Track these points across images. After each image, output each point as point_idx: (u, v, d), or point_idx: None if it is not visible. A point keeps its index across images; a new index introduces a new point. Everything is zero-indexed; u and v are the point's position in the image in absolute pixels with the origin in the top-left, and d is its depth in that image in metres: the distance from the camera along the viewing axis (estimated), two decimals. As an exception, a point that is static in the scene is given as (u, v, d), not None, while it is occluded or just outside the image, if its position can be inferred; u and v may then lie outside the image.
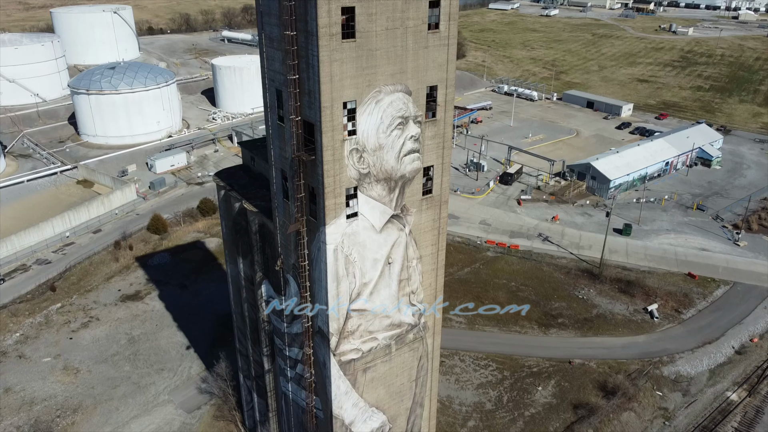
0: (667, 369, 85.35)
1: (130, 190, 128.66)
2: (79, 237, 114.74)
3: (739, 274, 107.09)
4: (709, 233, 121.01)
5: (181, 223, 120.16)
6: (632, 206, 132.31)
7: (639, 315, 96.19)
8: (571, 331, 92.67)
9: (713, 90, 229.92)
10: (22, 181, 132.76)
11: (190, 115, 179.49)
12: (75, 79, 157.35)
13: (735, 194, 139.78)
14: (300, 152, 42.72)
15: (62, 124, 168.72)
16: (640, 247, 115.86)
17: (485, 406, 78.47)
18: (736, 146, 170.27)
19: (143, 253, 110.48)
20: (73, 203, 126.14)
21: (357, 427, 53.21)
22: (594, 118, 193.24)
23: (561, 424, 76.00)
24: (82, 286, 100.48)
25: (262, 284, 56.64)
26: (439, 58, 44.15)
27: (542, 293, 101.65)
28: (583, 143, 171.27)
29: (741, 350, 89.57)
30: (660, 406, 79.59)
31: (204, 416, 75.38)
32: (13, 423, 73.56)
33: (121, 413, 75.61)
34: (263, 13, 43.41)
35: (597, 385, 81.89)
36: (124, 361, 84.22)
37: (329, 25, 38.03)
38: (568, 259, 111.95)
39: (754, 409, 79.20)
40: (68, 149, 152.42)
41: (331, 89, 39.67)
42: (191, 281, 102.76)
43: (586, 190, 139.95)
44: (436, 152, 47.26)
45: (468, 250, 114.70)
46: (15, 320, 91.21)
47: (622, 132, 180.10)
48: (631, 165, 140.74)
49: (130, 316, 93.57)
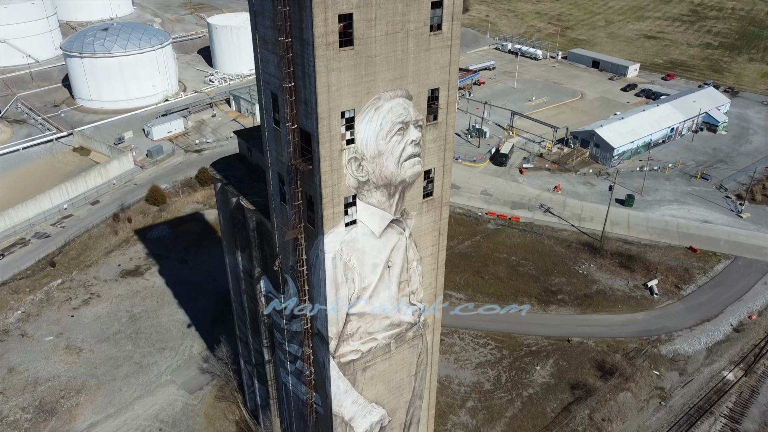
0: (665, 348, 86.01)
1: (127, 159, 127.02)
2: (77, 209, 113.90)
3: (740, 247, 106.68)
4: (712, 204, 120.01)
5: (179, 194, 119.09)
6: (635, 175, 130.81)
7: (639, 291, 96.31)
8: (570, 308, 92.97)
9: (722, 48, 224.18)
10: (18, 149, 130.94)
11: (187, 77, 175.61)
12: (67, 42, 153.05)
13: (740, 162, 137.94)
14: (297, 160, 41.44)
15: (56, 87, 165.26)
16: (642, 219, 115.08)
17: (484, 386, 79.41)
18: (743, 109, 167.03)
19: (142, 225, 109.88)
20: (70, 172, 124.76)
21: (357, 422, 53.75)
22: (599, 79, 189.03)
23: (558, 405, 77.08)
24: (81, 261, 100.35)
25: (261, 279, 56.20)
26: (442, 60, 42.26)
27: (542, 268, 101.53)
28: (588, 106, 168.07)
29: (739, 328, 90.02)
30: (657, 385, 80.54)
31: (206, 397, 76.40)
32: (18, 404, 74.62)
33: (124, 394, 76.62)
34: (257, 13, 41.30)
35: (595, 364, 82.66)
36: (125, 340, 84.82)
37: (326, 34, 36.14)
38: (569, 231, 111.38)
39: (750, 389, 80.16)
40: (63, 114, 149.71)
41: (328, 99, 38.07)
42: (191, 255, 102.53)
43: (590, 158, 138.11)
44: (437, 155, 45.90)
45: (469, 222, 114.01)
46: (16, 297, 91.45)
47: (627, 94, 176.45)
48: (636, 132, 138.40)
49: (130, 293, 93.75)
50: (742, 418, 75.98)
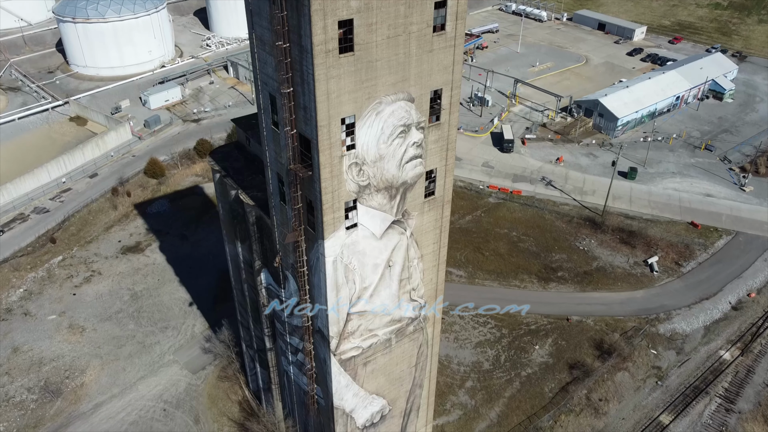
0: (663, 326, 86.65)
1: (125, 130, 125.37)
2: (75, 182, 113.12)
3: (742, 223, 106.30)
4: (715, 177, 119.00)
5: (178, 166, 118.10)
6: (639, 146, 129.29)
7: (639, 268, 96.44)
8: (570, 286, 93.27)
9: (731, 8, 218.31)
10: (14, 119, 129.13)
11: (183, 41, 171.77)
12: (59, 6, 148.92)
13: (745, 132, 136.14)
14: (296, 165, 40.62)
15: (50, 52, 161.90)
16: (644, 193, 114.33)
17: (483, 366, 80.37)
18: (750, 75, 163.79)
19: (141, 199, 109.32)
20: (67, 143, 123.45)
21: (357, 413, 54.51)
22: (605, 43, 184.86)
23: (556, 385, 78.15)
24: (82, 237, 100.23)
25: (262, 272, 56.02)
26: (445, 61, 40.92)
27: (543, 244, 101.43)
28: (592, 72, 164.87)
29: (738, 306, 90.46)
30: (654, 365, 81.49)
31: (209, 377, 77.41)
32: (24, 384, 75.70)
33: (128, 374, 77.63)
34: (253, 13, 39.74)
35: (593, 344, 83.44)
36: (128, 319, 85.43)
37: (325, 42, 34.83)
38: (570, 205, 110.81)
39: (746, 369, 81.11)
40: (58, 81, 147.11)
41: (328, 107, 37.00)
42: (191, 231, 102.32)
43: (593, 128, 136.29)
44: (439, 155, 45.01)
45: (470, 196, 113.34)
46: (17, 275, 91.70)
47: (633, 59, 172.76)
48: (641, 101, 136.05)
49: (131, 270, 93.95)
50: (737, 398, 77.14)
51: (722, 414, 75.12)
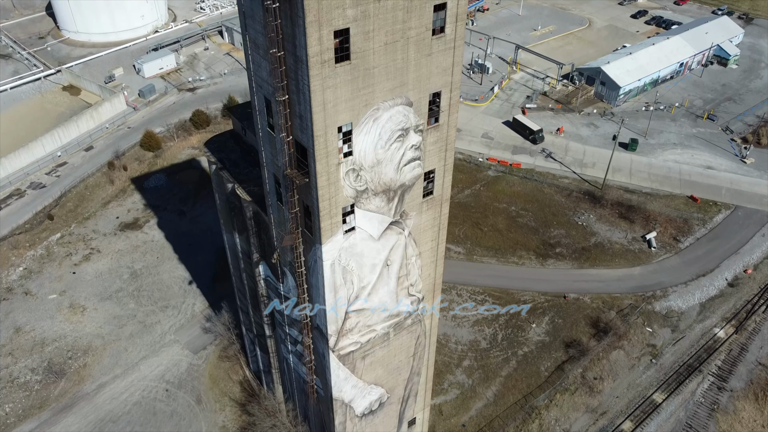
0: (659, 304, 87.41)
1: (119, 101, 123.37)
2: (71, 156, 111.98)
3: (741, 196, 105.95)
4: (716, 148, 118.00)
5: (174, 138, 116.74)
6: (640, 115, 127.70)
7: (637, 244, 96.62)
8: (568, 262, 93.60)
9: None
10: (6, 89, 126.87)
11: (176, 4, 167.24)
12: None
13: (749, 100, 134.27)
14: (293, 171, 40.05)
15: (40, 16, 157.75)
16: (644, 165, 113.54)
17: (480, 345, 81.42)
18: (756, 39, 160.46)
19: (138, 173, 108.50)
20: (61, 114, 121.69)
21: (356, 402, 55.43)
22: (609, 3, 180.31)
23: (552, 364, 79.35)
24: (79, 213, 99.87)
25: (260, 264, 55.99)
26: (444, 63, 39.85)
27: (542, 219, 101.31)
28: (595, 36, 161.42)
29: (734, 282, 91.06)
30: (649, 342, 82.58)
31: (210, 357, 78.42)
32: (27, 365, 76.73)
33: (130, 354, 78.60)
34: (246, 15, 38.41)
35: (589, 322, 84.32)
36: (128, 298, 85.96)
37: (321, 53, 33.78)
38: (570, 179, 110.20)
39: (739, 347, 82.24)
40: (49, 48, 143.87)
41: (324, 117, 36.20)
42: (189, 207, 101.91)
43: (594, 96, 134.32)
44: (438, 156, 44.35)
45: (469, 168, 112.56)
46: (16, 253, 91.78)
47: (637, 22, 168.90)
48: (644, 68, 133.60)
49: (130, 248, 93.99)
50: (729, 376, 78.49)
51: (714, 392, 76.57)
